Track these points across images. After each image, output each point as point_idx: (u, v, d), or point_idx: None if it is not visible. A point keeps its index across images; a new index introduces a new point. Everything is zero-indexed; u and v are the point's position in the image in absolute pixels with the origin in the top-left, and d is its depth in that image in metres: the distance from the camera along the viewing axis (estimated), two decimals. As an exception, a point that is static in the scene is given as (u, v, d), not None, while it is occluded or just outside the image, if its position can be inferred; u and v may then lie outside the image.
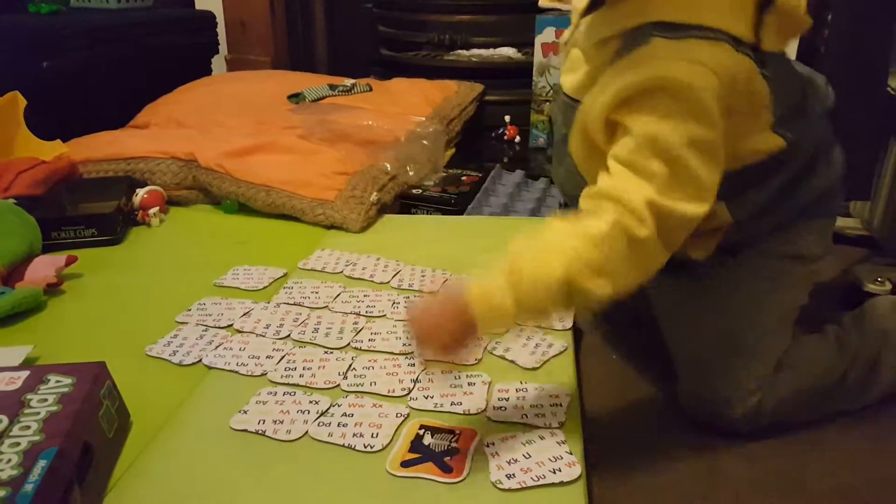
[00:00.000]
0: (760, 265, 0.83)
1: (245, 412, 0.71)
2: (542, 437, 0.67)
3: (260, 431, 0.69)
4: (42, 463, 0.54)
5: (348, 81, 1.69)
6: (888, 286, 1.05)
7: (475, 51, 1.87)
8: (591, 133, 0.71)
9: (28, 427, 0.58)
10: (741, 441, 0.83)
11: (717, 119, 0.65)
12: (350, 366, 0.79)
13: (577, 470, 0.63)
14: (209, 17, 1.94)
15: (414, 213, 1.33)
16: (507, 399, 0.72)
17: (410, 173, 1.40)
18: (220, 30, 1.98)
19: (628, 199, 0.63)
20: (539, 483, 0.62)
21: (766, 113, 0.73)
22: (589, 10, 0.75)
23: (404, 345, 0.83)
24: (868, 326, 0.88)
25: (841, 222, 1.29)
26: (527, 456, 0.65)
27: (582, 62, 0.78)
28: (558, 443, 0.66)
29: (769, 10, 0.69)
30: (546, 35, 1.54)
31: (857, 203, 1.27)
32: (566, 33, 0.84)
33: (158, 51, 1.77)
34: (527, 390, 0.74)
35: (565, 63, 0.84)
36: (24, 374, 0.65)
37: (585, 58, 0.78)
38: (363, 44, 1.95)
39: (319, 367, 0.78)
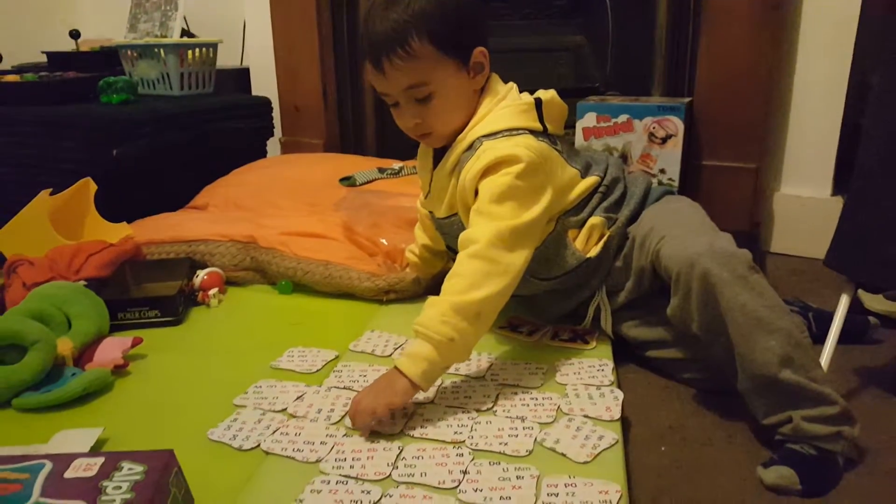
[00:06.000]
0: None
1: (300, 501, 0.74)
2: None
3: (316, 521, 0.71)
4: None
5: (396, 164, 1.75)
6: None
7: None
8: (467, 201, 1.01)
9: (104, 514, 0.62)
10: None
11: (534, 172, 0.97)
12: (399, 454, 0.81)
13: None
14: (266, 103, 2.04)
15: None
16: (557, 494, 0.73)
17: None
18: (276, 114, 2.09)
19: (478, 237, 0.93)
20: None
21: (570, 169, 1.06)
22: (437, 160, 1.07)
23: (455, 433, 0.85)
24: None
25: (891, 307, 1.29)
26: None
27: (443, 197, 1.07)
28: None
29: (542, 108, 1.03)
30: (587, 120, 1.59)
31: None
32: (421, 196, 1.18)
33: (217, 134, 1.88)
34: (576, 485, 0.75)
35: (432, 204, 1.12)
36: (100, 460, 0.69)
37: (442, 192, 1.07)
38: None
39: (368, 458, 0.81)
